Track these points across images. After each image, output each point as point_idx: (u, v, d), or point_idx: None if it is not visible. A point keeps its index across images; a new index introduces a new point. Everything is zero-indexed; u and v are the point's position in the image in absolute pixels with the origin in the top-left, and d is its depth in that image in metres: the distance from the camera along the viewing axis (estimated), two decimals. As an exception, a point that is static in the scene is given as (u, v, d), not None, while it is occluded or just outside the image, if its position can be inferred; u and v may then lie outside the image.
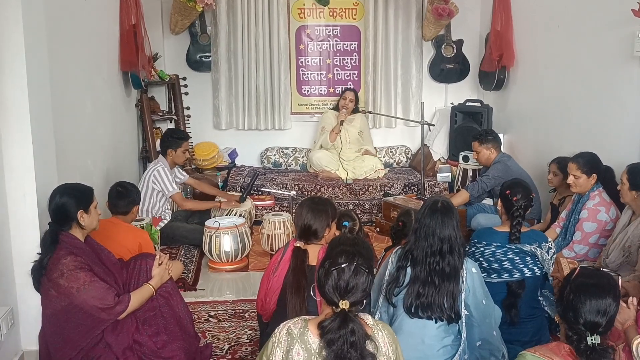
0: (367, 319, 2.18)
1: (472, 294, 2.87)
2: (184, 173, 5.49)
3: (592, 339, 2.16)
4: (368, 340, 2.09)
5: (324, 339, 2.06)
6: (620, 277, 3.09)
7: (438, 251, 2.82)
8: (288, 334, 2.12)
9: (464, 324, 2.84)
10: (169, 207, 5.30)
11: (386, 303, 2.93)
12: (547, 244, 3.41)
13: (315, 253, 3.02)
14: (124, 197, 4.03)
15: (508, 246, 3.38)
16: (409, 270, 2.87)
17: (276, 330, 2.17)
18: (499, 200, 3.55)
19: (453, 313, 2.79)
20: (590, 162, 4.17)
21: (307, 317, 2.21)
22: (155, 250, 4.21)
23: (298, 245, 3.06)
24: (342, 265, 2.11)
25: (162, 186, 5.03)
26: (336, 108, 6.72)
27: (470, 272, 2.89)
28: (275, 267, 3.07)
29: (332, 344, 2.03)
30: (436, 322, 2.80)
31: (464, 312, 2.83)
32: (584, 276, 2.26)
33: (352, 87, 6.96)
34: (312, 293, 2.82)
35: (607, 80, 4.51)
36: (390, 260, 2.98)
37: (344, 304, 2.07)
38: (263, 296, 3.10)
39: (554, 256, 3.47)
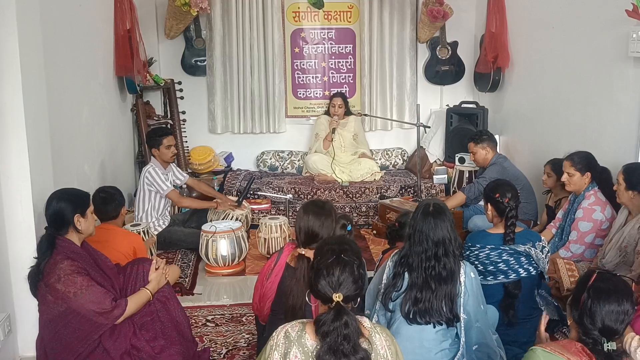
0: (365, 321, 2.19)
1: (474, 298, 2.85)
2: (184, 174, 5.47)
3: (608, 346, 2.14)
4: (363, 340, 2.10)
5: (318, 332, 2.08)
6: (633, 282, 3.09)
7: (433, 256, 2.80)
8: (286, 337, 2.13)
9: (462, 327, 2.83)
10: (169, 210, 5.29)
11: (382, 307, 2.93)
12: (540, 243, 3.42)
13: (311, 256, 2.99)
14: (109, 201, 3.97)
15: (502, 248, 3.38)
16: (406, 275, 2.85)
17: (274, 333, 2.18)
18: (488, 204, 3.54)
19: (452, 315, 2.78)
20: (584, 160, 4.19)
21: (304, 320, 2.22)
22: (152, 255, 4.20)
23: (303, 252, 2.95)
24: (330, 260, 2.16)
25: (156, 186, 5.02)
26: (328, 113, 6.72)
27: (469, 276, 2.86)
28: (268, 273, 3.03)
29: (326, 336, 2.06)
30: (434, 327, 2.80)
31: (462, 316, 2.82)
32: (603, 281, 2.22)
33: (339, 91, 6.95)
34: (307, 299, 2.82)
35: (602, 80, 4.52)
36: (387, 264, 2.96)
37: (338, 297, 2.10)
38: (257, 301, 3.10)
39: (549, 255, 3.48)
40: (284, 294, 2.92)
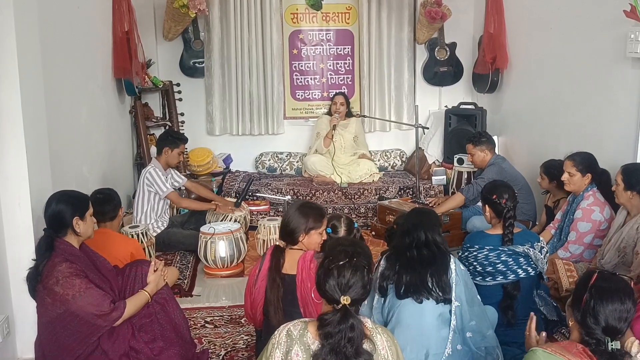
0: (367, 322, 2.19)
1: (464, 285, 2.94)
2: (182, 177, 5.46)
3: (612, 345, 2.14)
4: (366, 340, 2.10)
5: (321, 331, 2.07)
6: (632, 281, 3.09)
7: (414, 244, 2.94)
8: (288, 336, 2.14)
9: (454, 311, 2.89)
10: (168, 212, 5.28)
11: (379, 306, 2.97)
12: (539, 244, 3.43)
13: (294, 260, 3.00)
14: (107, 202, 3.94)
15: (501, 249, 3.39)
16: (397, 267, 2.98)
17: (276, 331, 2.18)
18: (486, 205, 3.55)
19: (441, 292, 2.86)
20: (586, 161, 4.19)
21: (306, 319, 2.22)
22: (150, 257, 4.19)
23: (278, 243, 3.12)
24: (342, 262, 2.14)
25: (156, 187, 5.01)
26: (330, 113, 6.72)
27: (459, 266, 2.99)
28: (254, 281, 3.04)
29: (330, 337, 2.05)
30: (428, 300, 2.85)
31: (455, 303, 2.89)
32: (604, 281, 2.23)
33: (342, 90, 6.95)
34: (299, 302, 2.84)
35: (601, 81, 4.52)
36: (380, 264, 3.03)
37: (345, 300, 2.09)
38: (249, 309, 3.10)
39: (547, 255, 3.49)
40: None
